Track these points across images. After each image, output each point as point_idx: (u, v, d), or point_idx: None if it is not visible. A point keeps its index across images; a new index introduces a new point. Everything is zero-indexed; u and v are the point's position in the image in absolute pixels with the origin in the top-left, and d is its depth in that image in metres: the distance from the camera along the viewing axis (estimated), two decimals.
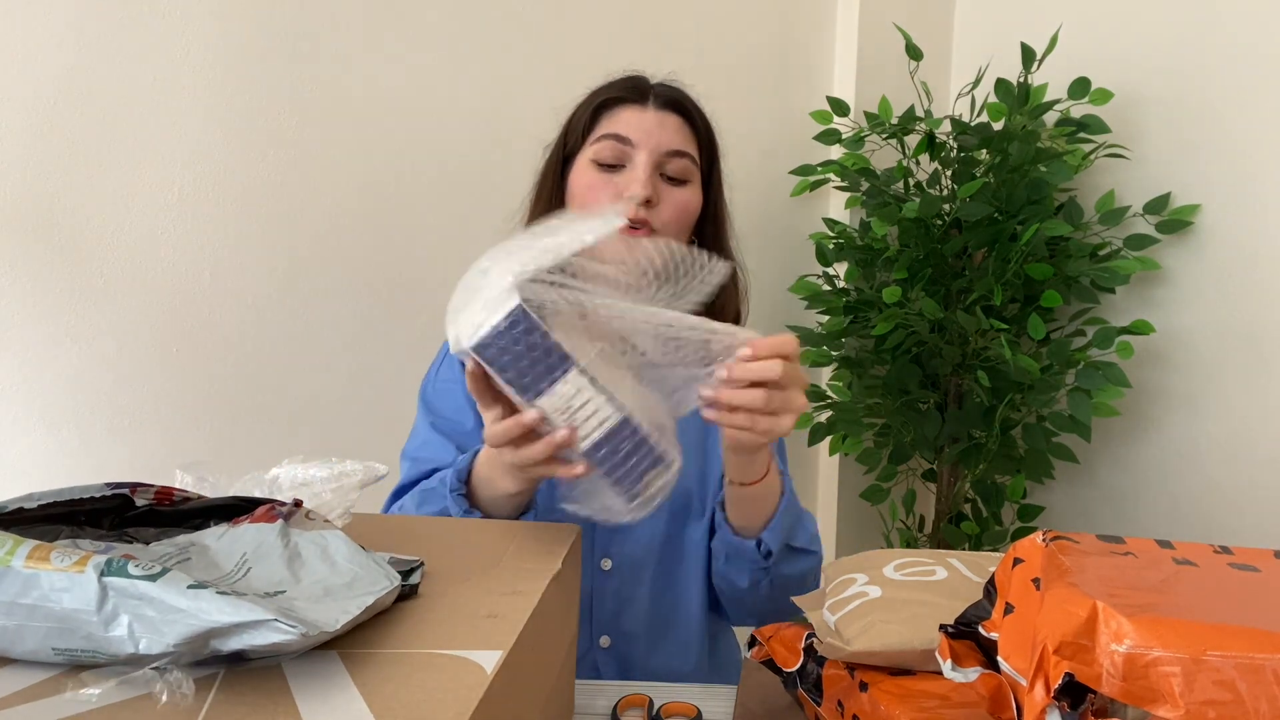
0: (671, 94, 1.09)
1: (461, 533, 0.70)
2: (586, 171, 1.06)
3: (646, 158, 1.04)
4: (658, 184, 1.04)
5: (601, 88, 1.10)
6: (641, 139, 1.04)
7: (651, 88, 1.08)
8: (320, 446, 1.16)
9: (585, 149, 1.07)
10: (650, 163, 1.04)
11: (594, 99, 1.09)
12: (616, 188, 1.04)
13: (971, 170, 1.83)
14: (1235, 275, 1.76)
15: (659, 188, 1.04)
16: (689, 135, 1.08)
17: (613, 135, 1.05)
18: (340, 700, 0.43)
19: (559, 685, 0.66)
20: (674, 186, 1.06)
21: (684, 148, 1.06)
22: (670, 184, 1.06)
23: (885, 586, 0.69)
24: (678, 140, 1.06)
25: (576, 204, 1.06)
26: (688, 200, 1.07)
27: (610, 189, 1.04)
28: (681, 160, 1.06)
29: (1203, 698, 0.40)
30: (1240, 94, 1.73)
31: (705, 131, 1.11)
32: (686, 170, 1.06)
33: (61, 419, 1.37)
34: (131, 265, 1.40)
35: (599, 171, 1.05)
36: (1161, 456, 1.90)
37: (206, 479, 0.64)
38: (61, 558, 0.44)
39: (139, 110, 1.38)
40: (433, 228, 1.64)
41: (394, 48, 1.58)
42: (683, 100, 1.09)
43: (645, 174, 1.03)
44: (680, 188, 1.06)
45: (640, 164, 1.04)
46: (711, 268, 0.77)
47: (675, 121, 1.07)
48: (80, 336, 1.37)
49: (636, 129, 1.05)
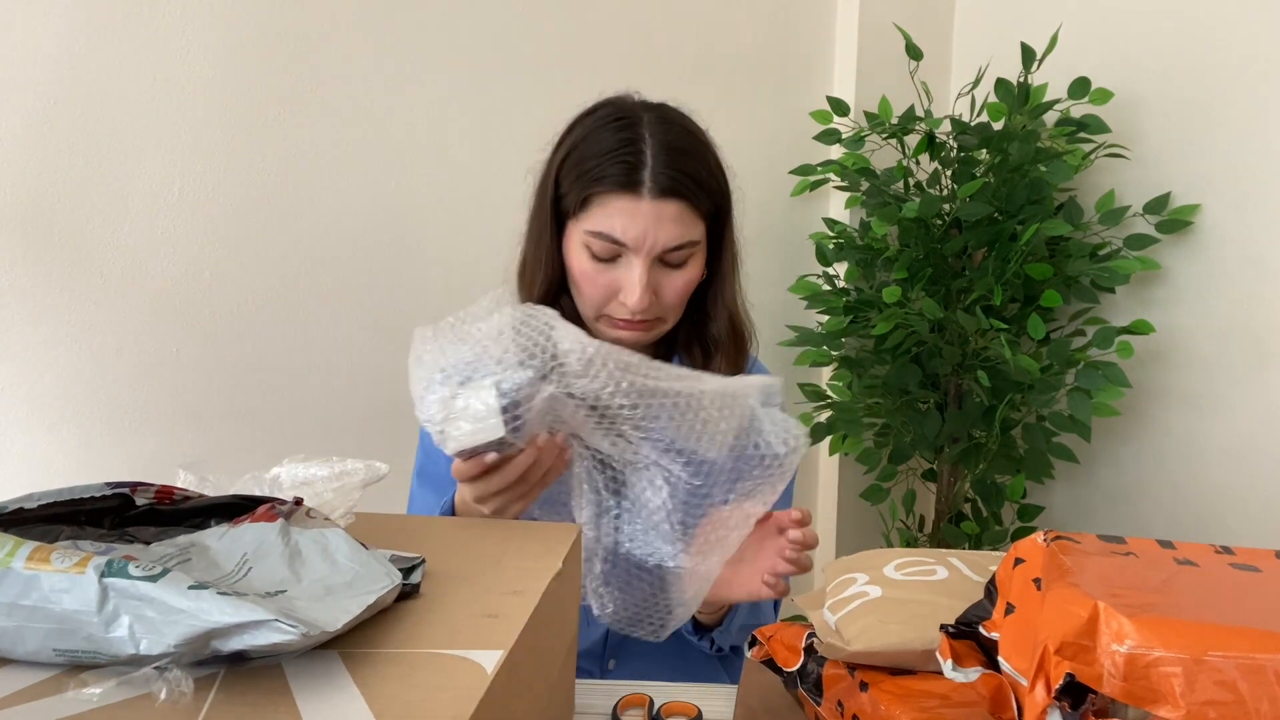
0: (670, 178, 0.96)
1: (462, 532, 0.70)
2: (581, 256, 0.99)
3: (642, 261, 0.96)
4: (657, 277, 0.98)
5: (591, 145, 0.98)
6: (637, 241, 0.95)
7: (648, 163, 0.96)
8: (321, 446, 1.16)
9: (578, 226, 0.99)
10: (646, 265, 0.96)
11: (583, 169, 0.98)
12: (611, 284, 0.98)
13: (971, 170, 1.83)
14: (1235, 275, 1.76)
15: (658, 280, 0.99)
16: (691, 218, 0.98)
17: (606, 236, 0.96)
18: (340, 699, 0.43)
19: (559, 685, 0.66)
20: (674, 270, 0.99)
21: (684, 239, 0.97)
22: (670, 269, 0.99)
23: (885, 586, 0.69)
24: (676, 233, 0.96)
25: (572, 280, 1.02)
26: (690, 280, 1.01)
27: (605, 283, 0.98)
28: (681, 251, 0.98)
29: (1204, 698, 0.40)
30: (1240, 94, 1.73)
31: (716, 195, 1.02)
32: (686, 256, 0.99)
33: (61, 419, 1.37)
34: (131, 265, 1.40)
35: (594, 263, 0.98)
36: (1161, 456, 1.90)
37: (208, 478, 0.64)
38: (62, 559, 0.44)
39: (139, 110, 1.38)
40: (433, 227, 1.64)
41: (394, 47, 1.58)
42: (683, 182, 0.97)
43: (641, 283, 0.96)
44: (681, 270, 1.00)
45: (636, 268, 0.96)
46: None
47: (674, 210, 0.96)
48: (80, 336, 1.37)
49: (631, 230, 0.95)
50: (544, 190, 1.03)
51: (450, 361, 0.74)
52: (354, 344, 1.59)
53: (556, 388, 0.74)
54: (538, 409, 0.74)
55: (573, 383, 0.74)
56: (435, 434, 0.75)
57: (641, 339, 1.03)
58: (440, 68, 1.63)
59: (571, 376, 0.74)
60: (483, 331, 0.75)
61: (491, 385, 0.72)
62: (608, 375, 0.74)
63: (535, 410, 0.74)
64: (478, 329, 0.75)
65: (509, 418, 0.73)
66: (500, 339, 0.74)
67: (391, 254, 1.61)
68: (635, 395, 0.75)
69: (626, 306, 0.98)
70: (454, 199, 1.65)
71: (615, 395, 0.74)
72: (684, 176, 0.96)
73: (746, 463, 0.80)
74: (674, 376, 0.78)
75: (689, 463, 0.79)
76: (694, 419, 0.77)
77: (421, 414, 0.75)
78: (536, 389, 0.74)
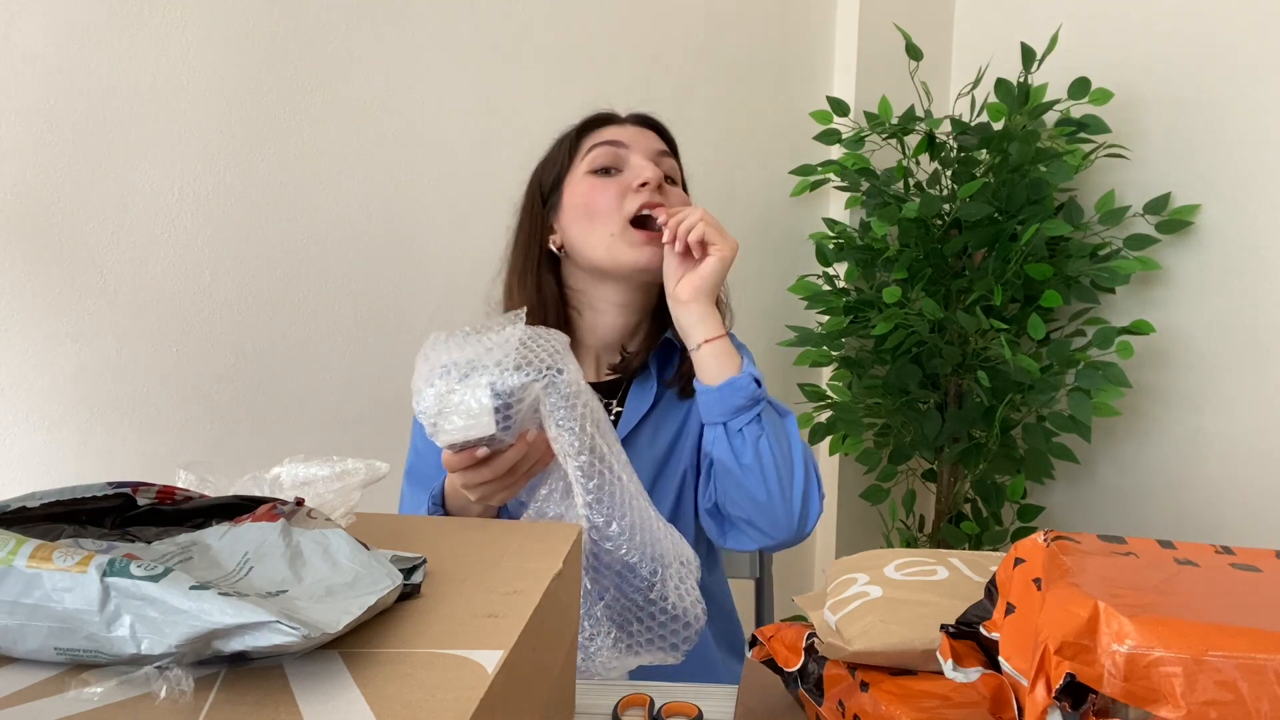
0: (642, 115, 1.14)
1: (462, 532, 0.70)
2: (584, 183, 1.08)
3: (642, 156, 1.08)
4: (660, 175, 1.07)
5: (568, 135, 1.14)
6: (632, 142, 1.09)
7: (623, 114, 1.14)
8: (322, 446, 1.16)
9: (577, 165, 1.10)
10: (648, 158, 1.08)
11: (566, 134, 1.13)
12: (621, 185, 1.06)
13: (971, 170, 1.83)
14: (1235, 275, 1.76)
15: (661, 182, 1.07)
16: (665, 147, 1.13)
17: (606, 141, 1.08)
18: (341, 700, 0.43)
19: (560, 685, 0.66)
20: (670, 185, 1.10)
21: (667, 150, 1.12)
22: (667, 183, 1.09)
23: (886, 586, 0.69)
24: (661, 144, 1.11)
25: (580, 215, 1.08)
26: (683, 199, 1.12)
27: (615, 187, 1.06)
28: (669, 160, 1.11)
29: (1204, 698, 0.41)
30: (1240, 94, 1.73)
31: (674, 149, 1.16)
32: (675, 170, 1.12)
33: (61, 419, 1.37)
34: (131, 265, 1.40)
35: (598, 177, 1.08)
36: (1162, 456, 1.90)
37: (208, 479, 0.64)
38: (64, 557, 0.44)
39: (139, 110, 1.38)
40: (433, 227, 1.64)
41: (394, 48, 1.58)
42: (654, 118, 1.15)
43: (650, 162, 1.07)
44: (675, 186, 1.11)
45: (640, 158, 1.07)
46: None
47: (652, 134, 1.12)
48: (80, 336, 1.37)
49: (624, 135, 1.10)
50: (525, 206, 1.14)
51: (453, 360, 0.78)
52: (354, 344, 1.59)
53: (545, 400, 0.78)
54: (528, 408, 0.79)
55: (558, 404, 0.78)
56: (429, 426, 0.79)
57: (659, 255, 1.05)
58: (440, 68, 1.63)
59: (559, 398, 0.78)
60: (492, 340, 0.79)
61: (487, 384, 0.76)
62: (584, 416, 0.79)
63: (525, 409, 0.79)
64: (488, 337, 0.80)
65: (500, 416, 0.77)
66: (505, 346, 0.78)
67: (391, 254, 1.61)
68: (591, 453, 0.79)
69: (644, 188, 1.05)
70: (454, 199, 1.65)
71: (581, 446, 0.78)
72: (653, 118, 1.14)
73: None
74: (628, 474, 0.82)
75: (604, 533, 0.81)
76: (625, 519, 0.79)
77: (418, 406, 0.79)
78: (529, 392, 0.78)
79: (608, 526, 0.78)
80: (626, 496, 0.79)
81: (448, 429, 0.78)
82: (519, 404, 0.78)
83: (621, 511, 0.78)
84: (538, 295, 1.11)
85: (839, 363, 1.96)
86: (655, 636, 0.79)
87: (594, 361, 1.14)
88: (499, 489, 0.85)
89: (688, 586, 0.81)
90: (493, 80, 1.67)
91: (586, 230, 1.07)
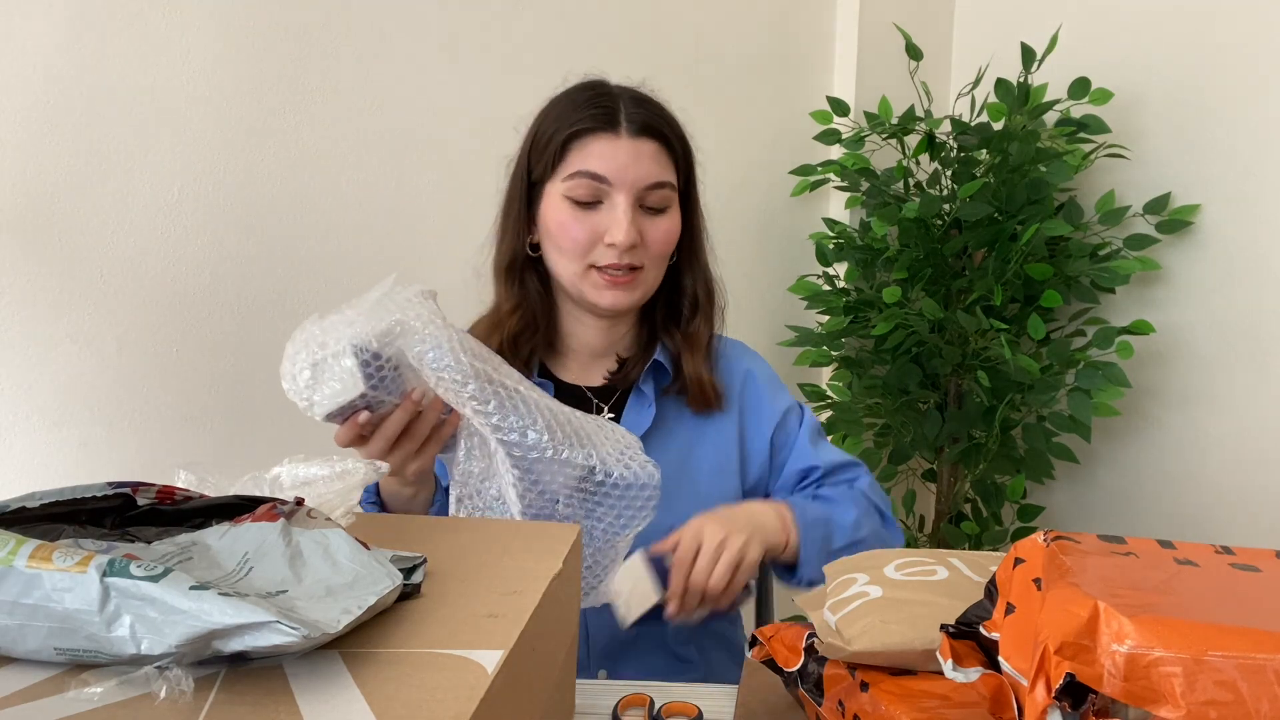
0: (644, 117, 1.00)
1: (462, 532, 0.70)
2: (560, 208, 1.00)
3: (625, 198, 0.98)
4: (640, 220, 0.99)
5: (564, 106, 1.02)
6: (618, 177, 0.98)
7: (622, 109, 1.00)
8: (322, 446, 1.16)
9: (555, 181, 1.01)
10: (630, 203, 0.98)
11: (560, 123, 1.01)
12: (594, 228, 0.99)
13: (971, 170, 1.83)
14: (1235, 275, 1.76)
15: (641, 224, 1.00)
16: (666, 161, 1.02)
17: (587, 174, 0.98)
18: (341, 699, 0.43)
19: (559, 685, 0.66)
20: (656, 217, 1.01)
21: (662, 178, 1.01)
22: (651, 215, 1.01)
23: (886, 586, 0.69)
24: (655, 171, 1.00)
25: (551, 241, 1.02)
26: (669, 229, 1.03)
27: (588, 229, 0.99)
28: (662, 191, 1.01)
29: (1204, 698, 0.40)
30: (1240, 94, 1.73)
31: (682, 148, 1.05)
32: (666, 199, 1.02)
33: (61, 419, 1.37)
34: (131, 265, 1.40)
35: (574, 209, 0.99)
36: (1161, 456, 1.90)
37: (208, 479, 0.64)
38: (63, 558, 0.44)
39: (138, 110, 1.38)
40: (432, 227, 1.64)
41: (394, 47, 1.58)
42: (657, 123, 1.01)
43: (626, 218, 0.97)
44: (661, 216, 1.02)
45: (620, 205, 0.98)
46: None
47: (651, 149, 1.00)
48: (80, 337, 1.37)
49: (611, 165, 0.98)
50: (515, 177, 1.07)
51: (310, 334, 0.77)
52: None
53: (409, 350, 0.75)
54: (400, 363, 0.76)
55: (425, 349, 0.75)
56: (304, 406, 0.77)
57: (626, 298, 1.02)
58: (439, 68, 1.63)
59: (424, 343, 0.75)
60: (350, 307, 0.77)
61: (346, 345, 0.74)
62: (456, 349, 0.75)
63: (395, 363, 0.76)
64: (347, 306, 0.78)
65: (367, 373, 0.75)
66: (359, 306, 0.76)
67: (391, 254, 1.61)
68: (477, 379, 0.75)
69: (613, 248, 0.98)
70: (454, 199, 1.65)
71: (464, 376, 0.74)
72: (657, 118, 1.01)
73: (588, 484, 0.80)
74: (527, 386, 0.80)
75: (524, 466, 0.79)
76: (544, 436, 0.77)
77: (287, 387, 0.77)
78: (390, 344, 0.75)
79: (525, 437, 0.76)
80: (531, 403, 0.77)
81: (319, 401, 0.76)
82: (385, 359, 0.76)
83: (533, 417, 0.76)
84: (520, 292, 1.07)
85: (839, 363, 1.96)
86: (620, 510, 0.79)
87: (584, 366, 1.10)
88: (405, 456, 0.83)
89: (630, 455, 0.80)
90: (492, 80, 1.67)
91: (555, 255, 1.03)
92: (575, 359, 1.10)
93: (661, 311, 1.11)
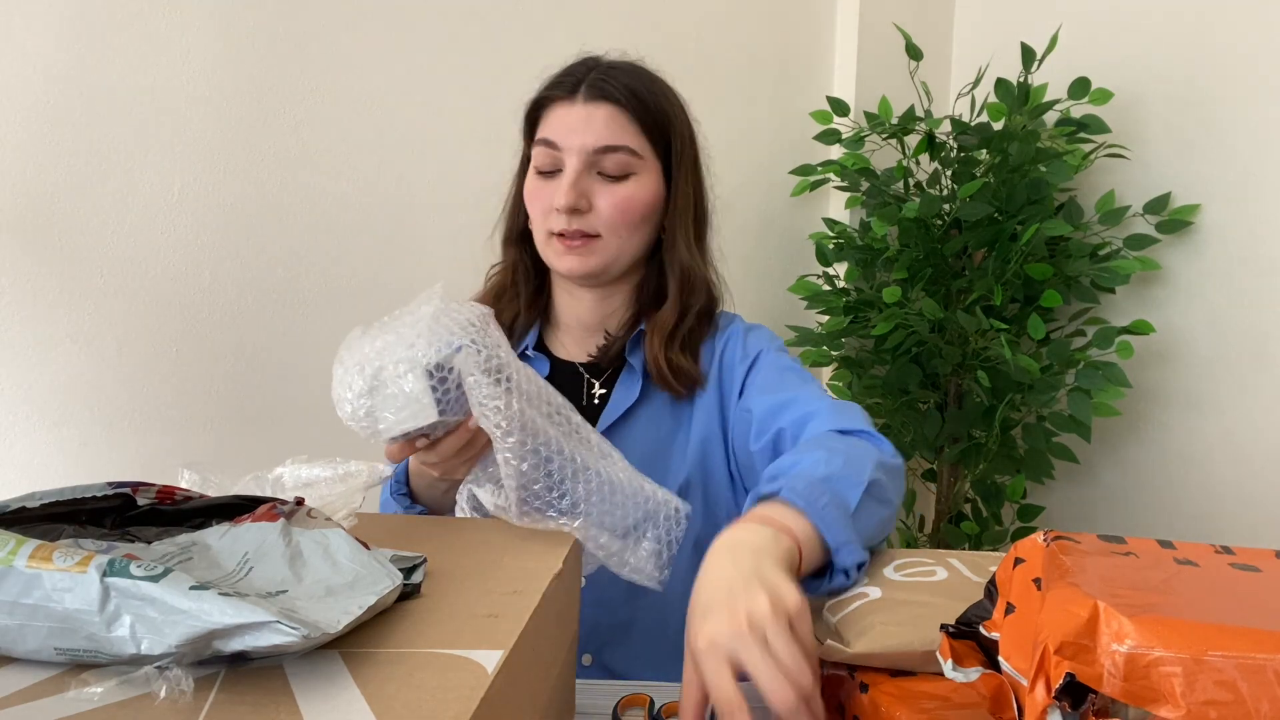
0: (603, 84, 0.99)
1: (462, 532, 0.70)
2: (531, 178, 1.03)
3: (575, 161, 0.98)
4: (590, 186, 0.99)
5: (546, 80, 1.05)
6: (567, 140, 0.98)
7: (585, 78, 1.00)
8: (323, 447, 1.16)
9: (532, 153, 1.03)
10: (578, 166, 0.98)
11: (537, 96, 1.05)
12: (548, 197, 0.99)
13: (971, 170, 1.83)
14: (1235, 275, 1.76)
15: (591, 189, 0.99)
16: (626, 125, 0.99)
17: (544, 141, 1.00)
18: (341, 699, 0.43)
19: (559, 685, 0.66)
20: (613, 184, 0.99)
21: (617, 141, 0.98)
22: (609, 181, 0.99)
23: (885, 587, 0.69)
24: (607, 135, 0.98)
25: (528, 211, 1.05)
26: (630, 195, 0.99)
27: (547, 196, 1.00)
28: (617, 154, 0.98)
29: (1204, 698, 0.40)
30: (1240, 94, 1.73)
31: (656, 113, 1.02)
32: (625, 164, 0.99)
33: (61, 419, 1.37)
34: (131, 265, 1.40)
35: (538, 179, 1.01)
36: (1162, 456, 1.90)
37: (210, 479, 0.64)
38: (64, 558, 0.44)
39: (138, 110, 1.38)
40: (433, 227, 1.64)
41: (393, 46, 1.58)
42: (616, 88, 0.99)
43: (569, 181, 0.97)
44: (620, 183, 0.99)
45: (569, 169, 0.98)
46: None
47: (605, 113, 0.98)
48: (80, 336, 1.37)
49: (561, 130, 0.99)
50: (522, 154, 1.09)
51: (364, 355, 0.71)
52: None
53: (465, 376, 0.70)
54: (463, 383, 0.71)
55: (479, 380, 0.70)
56: (362, 431, 0.72)
57: (580, 264, 1.00)
58: (440, 67, 1.63)
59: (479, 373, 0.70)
60: (404, 323, 0.72)
61: (409, 369, 0.69)
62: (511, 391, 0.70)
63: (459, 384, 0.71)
64: (402, 321, 0.72)
65: (436, 398, 0.70)
66: (416, 326, 0.71)
67: (391, 253, 1.61)
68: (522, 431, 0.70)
69: (560, 213, 0.98)
70: (454, 198, 1.65)
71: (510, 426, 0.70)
72: (618, 86, 0.99)
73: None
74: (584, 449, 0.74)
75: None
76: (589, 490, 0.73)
77: (346, 417, 0.71)
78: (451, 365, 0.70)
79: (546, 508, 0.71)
80: (568, 474, 0.72)
81: (385, 429, 0.71)
82: (451, 384, 0.70)
83: (561, 490, 0.72)
84: (513, 262, 1.09)
85: (839, 363, 1.96)
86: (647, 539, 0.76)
87: (577, 341, 1.10)
88: (456, 465, 0.78)
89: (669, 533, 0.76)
90: (492, 79, 1.67)
91: (531, 225, 1.05)
92: (569, 333, 1.10)
93: (645, 289, 1.09)
